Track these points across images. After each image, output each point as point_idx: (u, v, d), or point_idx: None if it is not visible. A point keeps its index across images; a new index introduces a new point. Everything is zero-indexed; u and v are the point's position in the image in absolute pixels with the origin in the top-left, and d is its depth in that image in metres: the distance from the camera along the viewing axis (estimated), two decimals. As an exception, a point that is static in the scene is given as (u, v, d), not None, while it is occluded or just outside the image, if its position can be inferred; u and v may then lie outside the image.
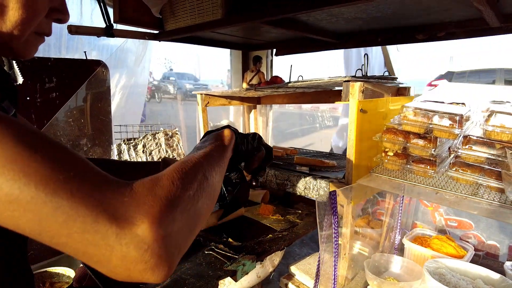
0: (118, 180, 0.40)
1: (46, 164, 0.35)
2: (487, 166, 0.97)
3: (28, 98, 1.46)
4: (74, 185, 0.35)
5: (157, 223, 0.36)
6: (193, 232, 0.45)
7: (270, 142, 2.59)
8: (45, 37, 0.57)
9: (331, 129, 8.45)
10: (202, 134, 1.82)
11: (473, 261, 1.16)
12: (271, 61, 2.33)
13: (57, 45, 2.05)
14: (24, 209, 0.34)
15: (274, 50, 2.22)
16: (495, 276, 1.04)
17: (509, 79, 8.09)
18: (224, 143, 0.65)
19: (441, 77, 9.39)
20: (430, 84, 9.48)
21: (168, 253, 0.37)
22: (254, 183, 0.91)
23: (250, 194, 1.51)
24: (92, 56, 2.31)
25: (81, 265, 1.41)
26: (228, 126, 0.74)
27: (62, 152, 0.38)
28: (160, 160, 0.97)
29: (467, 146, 0.98)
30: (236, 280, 0.92)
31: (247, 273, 0.97)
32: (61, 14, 0.55)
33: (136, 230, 0.35)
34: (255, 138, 0.82)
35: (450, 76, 9.20)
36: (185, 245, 0.42)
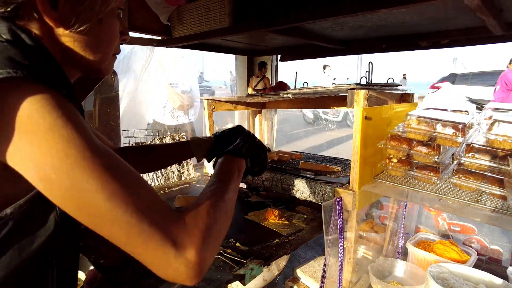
0: (175, 212, 0.55)
1: (137, 198, 0.51)
2: (489, 174, 0.99)
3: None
4: (153, 217, 0.51)
5: (200, 251, 0.53)
6: (217, 251, 0.62)
7: (274, 145, 2.61)
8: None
9: (334, 131, 8.47)
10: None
11: (476, 265, 1.18)
12: (276, 66, 2.36)
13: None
14: (112, 223, 0.49)
15: (279, 56, 2.25)
16: (498, 281, 1.06)
17: (513, 81, 8.05)
18: (238, 177, 0.83)
19: (444, 79, 9.36)
20: (433, 86, 9.46)
21: (202, 270, 0.53)
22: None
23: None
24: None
25: (91, 268, 1.43)
26: (243, 155, 0.90)
27: (145, 187, 0.54)
28: (189, 139, 1.15)
29: (470, 154, 1.00)
30: (244, 284, 0.95)
31: (254, 277, 0.99)
32: (126, 35, 0.72)
33: (187, 254, 0.52)
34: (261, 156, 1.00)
35: (453, 78, 9.16)
36: (211, 262, 0.58)
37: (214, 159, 1.01)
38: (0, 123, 0.46)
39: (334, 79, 9.17)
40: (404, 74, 13.91)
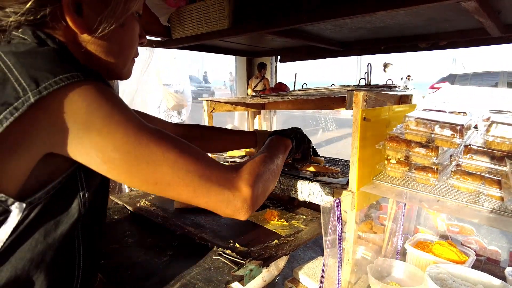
0: (229, 166, 0.68)
1: (196, 160, 0.60)
2: (487, 175, 0.99)
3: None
4: (212, 172, 0.62)
5: (252, 189, 0.66)
6: (265, 196, 0.75)
7: (273, 146, 2.62)
8: None
9: (333, 132, 8.47)
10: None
11: (474, 266, 1.18)
12: (276, 67, 2.36)
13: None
14: (178, 185, 0.59)
15: (279, 57, 2.26)
16: (496, 282, 1.06)
17: (512, 81, 8.08)
18: (284, 151, 0.98)
19: (443, 80, 9.37)
20: (432, 87, 9.48)
21: (254, 206, 0.67)
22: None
23: None
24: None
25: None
26: (290, 136, 1.07)
27: (198, 151, 0.63)
28: (255, 131, 1.28)
29: (468, 156, 1.01)
30: (243, 285, 0.95)
31: (254, 278, 1.00)
32: (143, 38, 0.75)
33: (242, 193, 0.64)
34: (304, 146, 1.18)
35: (452, 78, 9.17)
36: (261, 203, 0.72)
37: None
38: (57, 121, 0.50)
39: (402, 78, 8.99)
40: (408, 75, 13.82)
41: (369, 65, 1.33)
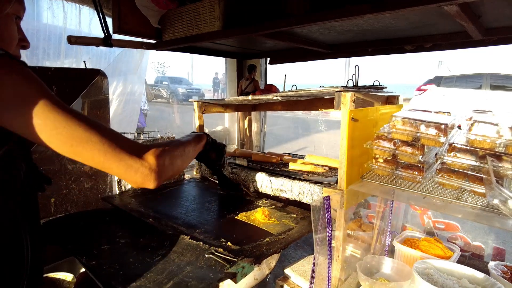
0: (140, 143, 0.81)
1: (112, 136, 0.73)
2: (470, 172, 1.03)
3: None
4: (124, 143, 0.74)
5: (158, 159, 0.77)
6: (174, 170, 0.87)
7: (264, 147, 2.64)
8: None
9: (323, 133, 8.55)
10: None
11: (459, 261, 1.22)
12: (266, 69, 2.38)
13: (56, 52, 2.07)
14: (91, 150, 0.70)
15: (268, 59, 2.28)
16: (480, 275, 1.10)
17: (495, 84, 8.32)
18: (198, 141, 1.15)
19: (429, 82, 9.56)
20: (419, 89, 9.66)
21: (161, 175, 0.78)
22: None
23: None
24: (91, 61, 2.35)
25: (82, 270, 1.43)
26: (206, 134, 1.26)
27: (110, 128, 0.75)
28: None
29: (452, 154, 1.05)
30: (236, 282, 0.96)
31: (246, 275, 1.01)
32: (25, 42, 0.85)
33: (149, 162, 0.76)
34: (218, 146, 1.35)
35: (438, 81, 9.37)
36: (169, 174, 0.83)
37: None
38: None
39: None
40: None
41: (357, 66, 1.36)
